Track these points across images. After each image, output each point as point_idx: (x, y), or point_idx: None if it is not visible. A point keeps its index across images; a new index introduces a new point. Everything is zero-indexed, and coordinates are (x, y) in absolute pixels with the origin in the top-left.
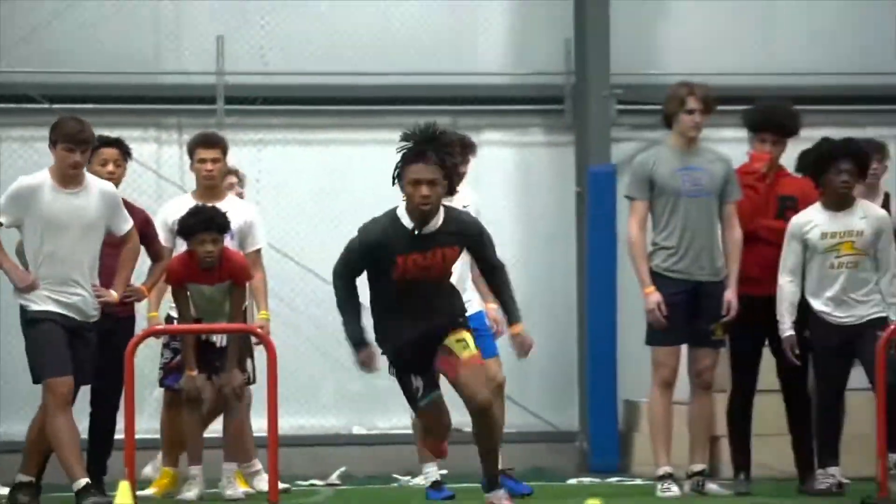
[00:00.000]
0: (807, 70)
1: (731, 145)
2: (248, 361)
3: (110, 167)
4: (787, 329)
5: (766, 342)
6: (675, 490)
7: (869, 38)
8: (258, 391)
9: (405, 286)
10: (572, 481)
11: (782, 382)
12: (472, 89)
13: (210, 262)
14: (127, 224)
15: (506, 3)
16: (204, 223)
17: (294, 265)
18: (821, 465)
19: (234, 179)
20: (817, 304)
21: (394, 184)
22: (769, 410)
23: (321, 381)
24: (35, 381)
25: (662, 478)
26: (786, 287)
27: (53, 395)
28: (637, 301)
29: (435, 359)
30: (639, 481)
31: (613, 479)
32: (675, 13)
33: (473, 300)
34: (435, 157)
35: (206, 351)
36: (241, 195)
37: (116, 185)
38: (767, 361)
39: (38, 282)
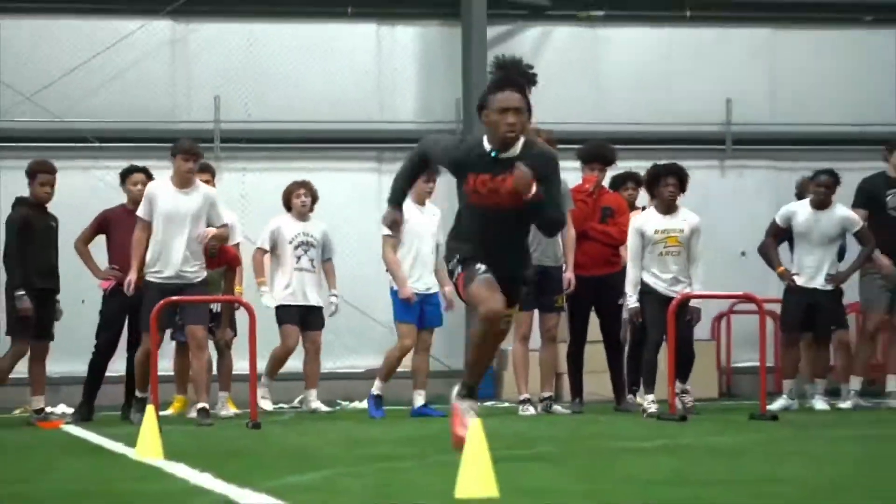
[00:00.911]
0: (623, 120)
1: (568, 172)
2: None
3: (139, 186)
4: (633, 302)
5: (593, 308)
6: (531, 410)
7: (669, 93)
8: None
9: (479, 211)
10: None
11: (604, 336)
12: (393, 133)
13: (213, 253)
14: (220, 219)
15: (416, 72)
16: None
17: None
18: (631, 392)
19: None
20: (654, 282)
21: (479, 115)
22: (595, 355)
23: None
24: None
25: (522, 402)
26: (631, 272)
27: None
28: None
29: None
30: (506, 404)
31: (489, 403)
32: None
33: (432, 285)
34: (521, 84)
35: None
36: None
37: (139, 198)
38: (594, 320)
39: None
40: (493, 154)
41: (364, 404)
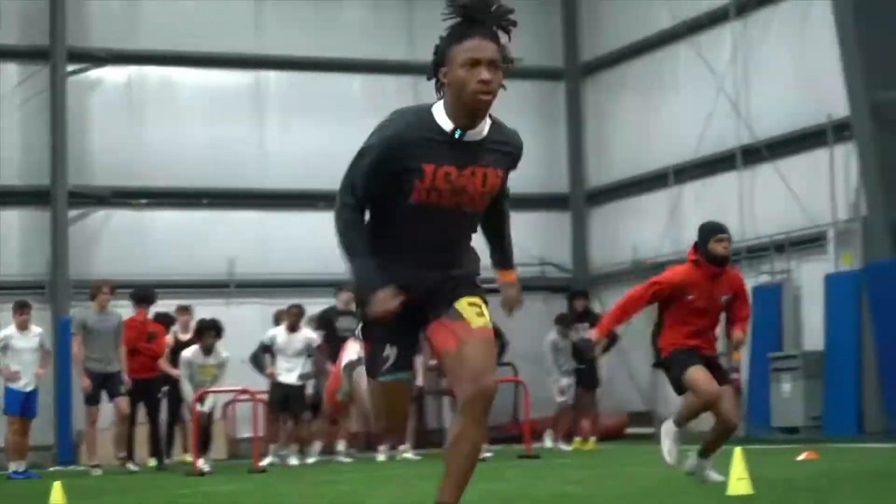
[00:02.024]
0: (161, 272)
1: (125, 309)
2: None
3: None
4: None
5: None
6: (99, 472)
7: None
8: None
9: (423, 213)
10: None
11: (149, 419)
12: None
13: None
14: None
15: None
16: None
17: None
18: (168, 456)
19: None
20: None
21: (432, 76)
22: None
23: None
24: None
25: (94, 467)
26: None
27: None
28: None
29: (427, 326)
30: (83, 467)
31: (71, 467)
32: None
33: (32, 385)
34: (495, 30)
35: None
36: None
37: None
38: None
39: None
40: (457, 134)
41: None
